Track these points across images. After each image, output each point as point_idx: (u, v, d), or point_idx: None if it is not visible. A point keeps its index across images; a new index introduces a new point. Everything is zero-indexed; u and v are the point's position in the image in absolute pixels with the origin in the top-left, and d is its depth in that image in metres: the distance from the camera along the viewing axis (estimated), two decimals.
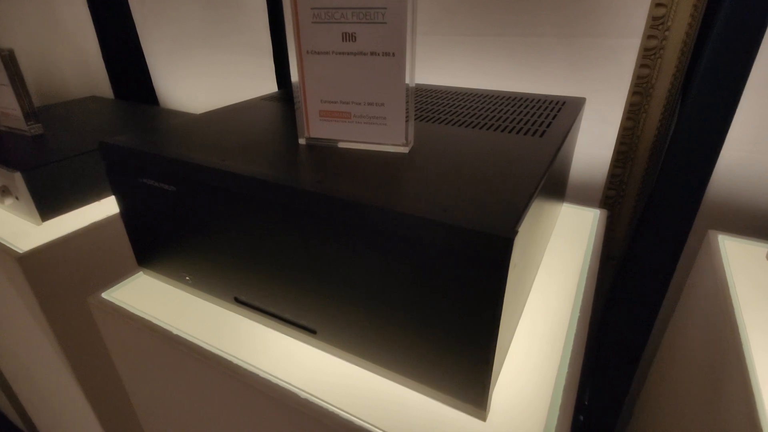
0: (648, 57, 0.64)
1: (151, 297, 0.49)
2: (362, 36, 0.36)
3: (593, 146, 0.71)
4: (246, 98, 0.62)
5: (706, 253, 0.58)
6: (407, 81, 0.37)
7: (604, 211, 0.67)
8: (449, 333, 0.31)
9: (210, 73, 1.06)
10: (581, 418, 0.94)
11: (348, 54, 0.38)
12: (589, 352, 0.86)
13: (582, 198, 0.74)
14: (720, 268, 0.52)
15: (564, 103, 0.56)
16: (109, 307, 0.48)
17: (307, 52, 0.39)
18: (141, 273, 0.53)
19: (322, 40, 0.38)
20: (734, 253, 0.54)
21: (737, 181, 0.64)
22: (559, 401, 0.35)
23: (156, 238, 0.47)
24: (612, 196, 0.74)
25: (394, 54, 0.36)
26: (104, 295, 0.50)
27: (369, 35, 0.36)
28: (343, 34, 0.37)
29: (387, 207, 0.30)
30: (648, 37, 0.64)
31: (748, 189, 0.63)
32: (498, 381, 0.37)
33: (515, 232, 0.26)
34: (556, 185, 0.49)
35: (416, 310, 0.32)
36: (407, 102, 0.38)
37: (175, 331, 0.44)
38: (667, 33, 0.62)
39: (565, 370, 0.38)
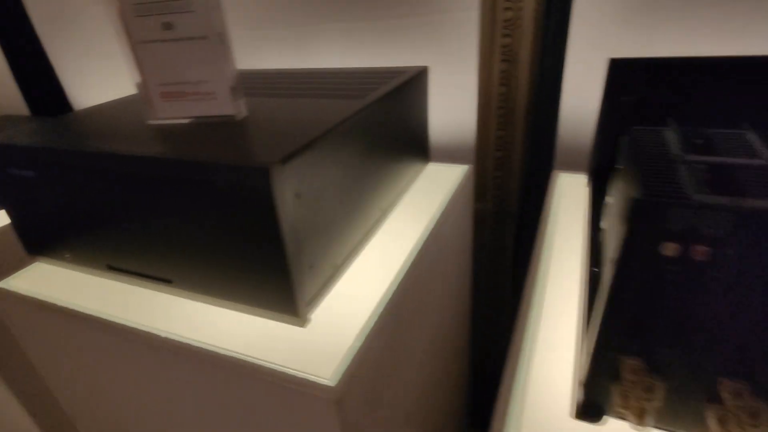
0: (507, 27, 0.72)
1: (47, 281, 0.53)
2: (178, 24, 0.43)
3: (458, 111, 0.79)
4: None
5: (551, 191, 0.67)
6: (225, 58, 0.44)
7: (471, 166, 0.75)
8: (261, 258, 0.38)
9: (119, 74, 1.08)
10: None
11: (170, 41, 0.44)
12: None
13: (457, 158, 0.82)
14: (550, 200, 0.61)
15: (402, 72, 0.63)
16: (8, 295, 0.53)
17: (137, 42, 0.45)
18: (36, 263, 0.57)
19: (146, 30, 0.44)
20: (564, 186, 0.63)
21: (575, 126, 0.73)
22: (379, 314, 0.42)
23: (35, 224, 0.52)
24: (500, 156, 0.82)
25: (206, 36, 0.43)
26: (2, 284, 0.54)
27: (183, 23, 0.43)
28: (162, 23, 0.43)
29: (190, 159, 0.36)
30: (504, 9, 0.72)
31: (582, 131, 0.73)
32: (328, 301, 0.44)
33: (273, 164, 0.33)
34: (388, 138, 0.55)
35: (235, 245, 0.38)
36: (230, 77, 0.44)
37: (74, 307, 0.48)
38: (521, 4, 0.70)
39: (394, 288, 0.45)
